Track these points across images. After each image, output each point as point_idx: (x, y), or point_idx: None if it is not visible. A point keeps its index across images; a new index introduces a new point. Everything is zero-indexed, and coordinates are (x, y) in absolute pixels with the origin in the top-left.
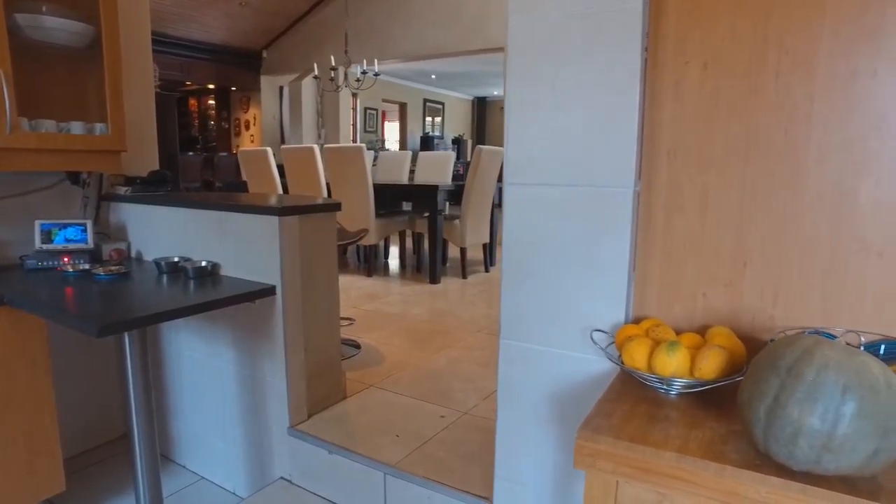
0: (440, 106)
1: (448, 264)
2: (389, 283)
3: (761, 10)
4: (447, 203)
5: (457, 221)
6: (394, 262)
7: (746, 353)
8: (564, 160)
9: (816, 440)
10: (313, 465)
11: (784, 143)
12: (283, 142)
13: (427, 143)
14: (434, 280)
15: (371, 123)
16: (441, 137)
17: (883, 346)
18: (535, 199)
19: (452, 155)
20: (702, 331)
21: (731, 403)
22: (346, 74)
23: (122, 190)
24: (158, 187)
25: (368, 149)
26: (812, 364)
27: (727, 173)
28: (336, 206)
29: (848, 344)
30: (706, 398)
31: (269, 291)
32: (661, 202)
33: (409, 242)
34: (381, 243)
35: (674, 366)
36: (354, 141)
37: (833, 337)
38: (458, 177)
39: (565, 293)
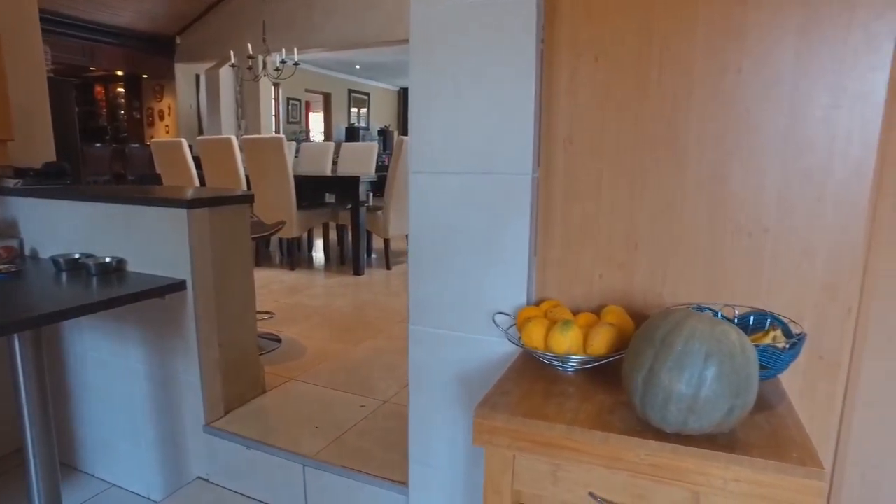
0: (366, 97)
1: (373, 255)
2: (313, 276)
3: (645, 8)
4: (370, 194)
5: (380, 212)
6: (318, 254)
7: (636, 330)
8: (466, 148)
9: (684, 403)
10: (231, 462)
11: (667, 134)
12: (200, 132)
13: (353, 134)
14: (358, 272)
15: (294, 114)
16: (367, 128)
17: (752, 318)
18: (438, 187)
19: (376, 146)
20: (599, 310)
21: (621, 377)
22: (264, 63)
23: (12, 182)
24: (56, 180)
25: (291, 140)
26: (681, 335)
27: (619, 161)
28: (248, 198)
29: (723, 317)
30: (600, 373)
31: (178, 286)
32: (559, 189)
33: (333, 235)
34: (305, 236)
35: (567, 343)
36: (277, 132)
37: (713, 311)
38: (384, 167)
39: (470, 278)
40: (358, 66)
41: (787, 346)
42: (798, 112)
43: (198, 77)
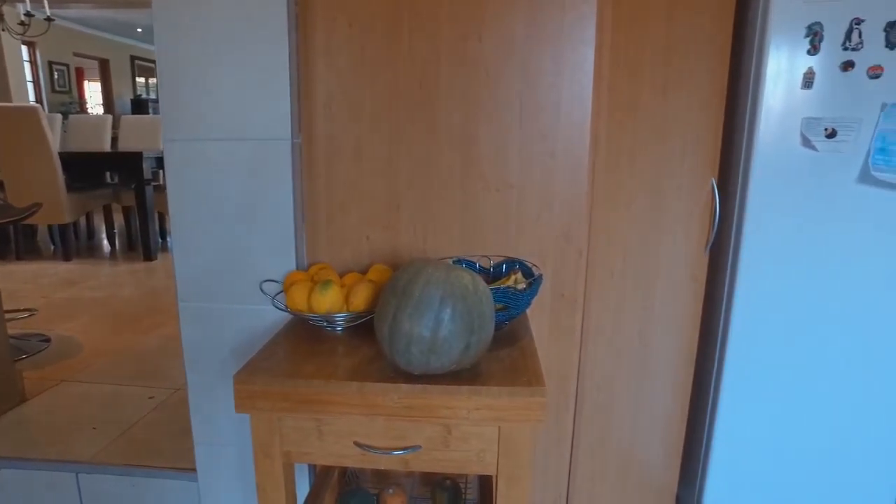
0: (153, 65)
1: (169, 238)
2: (96, 266)
3: None
4: (160, 172)
5: None
6: (102, 240)
7: None
8: (222, 115)
9: (425, 345)
10: None
11: (420, 96)
12: None
13: (141, 106)
14: (149, 256)
15: (62, 82)
16: (158, 101)
17: (504, 265)
18: (196, 155)
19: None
20: (367, 270)
21: None
22: (1, 15)
23: None
24: None
25: (59, 111)
26: (419, 282)
27: (378, 125)
28: None
29: (480, 267)
30: (370, 329)
31: None
32: (322, 153)
33: (122, 219)
34: (83, 222)
35: (328, 303)
36: (39, 101)
37: (472, 263)
38: None
39: (237, 248)
40: (140, 30)
41: (526, 287)
42: (530, 78)
43: None
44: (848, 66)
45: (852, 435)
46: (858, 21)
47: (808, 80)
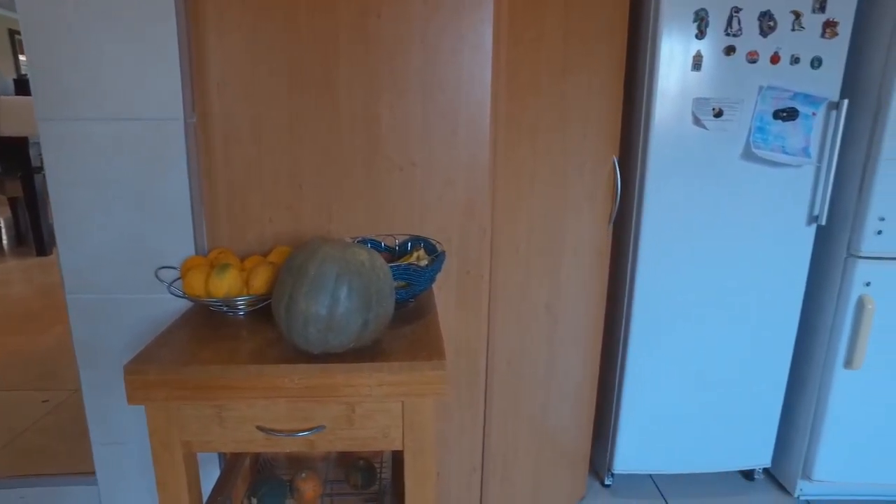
0: None
1: None
2: None
3: None
4: None
5: None
6: None
7: None
8: (105, 92)
9: (322, 324)
10: None
11: (320, 75)
12: None
13: (26, 87)
14: (43, 251)
15: None
16: None
17: (410, 243)
18: (78, 136)
19: None
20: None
21: None
22: None
23: None
24: None
25: None
26: (314, 261)
27: (276, 103)
28: None
29: (386, 246)
30: (272, 311)
31: None
32: (218, 134)
33: (8, 211)
34: None
35: (226, 286)
36: None
37: (377, 243)
38: None
39: (130, 235)
40: None
41: (428, 263)
42: (430, 56)
43: None
44: (730, 50)
45: (742, 384)
46: (737, 9)
47: (696, 63)
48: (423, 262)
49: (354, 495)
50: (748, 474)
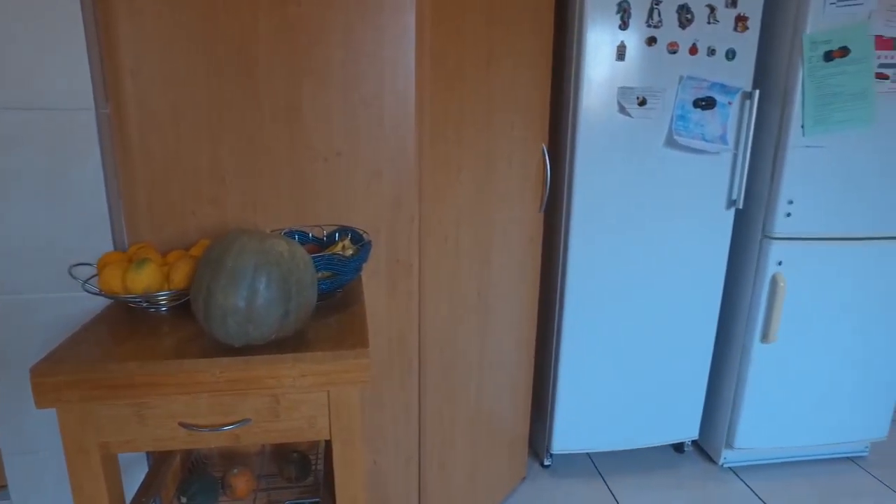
0: None
1: None
2: None
3: None
4: None
5: None
6: None
7: None
8: (6, 80)
9: (241, 316)
10: None
11: (239, 62)
12: None
13: None
14: None
15: None
16: None
17: (337, 234)
18: None
19: None
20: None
21: None
22: None
23: None
24: None
25: None
26: (231, 252)
27: (194, 92)
28: None
29: (314, 237)
30: None
31: None
32: (133, 124)
33: None
34: None
35: (145, 282)
36: None
37: (304, 234)
38: None
39: (39, 231)
40: None
41: (354, 253)
42: (352, 47)
43: None
44: (652, 41)
45: (670, 361)
46: (657, 2)
47: (620, 53)
48: (349, 252)
49: (290, 488)
50: (679, 447)
